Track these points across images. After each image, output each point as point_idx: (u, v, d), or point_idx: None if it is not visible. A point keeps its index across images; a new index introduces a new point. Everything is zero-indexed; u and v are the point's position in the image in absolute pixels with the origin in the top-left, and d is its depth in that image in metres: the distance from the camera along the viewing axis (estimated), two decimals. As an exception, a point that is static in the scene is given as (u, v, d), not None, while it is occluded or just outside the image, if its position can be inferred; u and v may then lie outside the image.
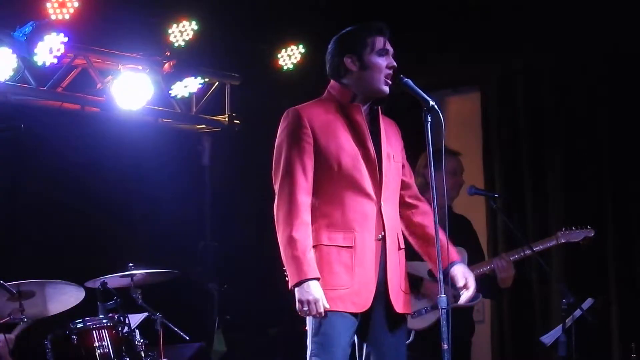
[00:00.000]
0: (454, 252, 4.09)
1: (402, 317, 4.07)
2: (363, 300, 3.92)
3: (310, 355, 3.93)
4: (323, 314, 3.84)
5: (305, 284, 3.82)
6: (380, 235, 3.98)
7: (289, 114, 4.02)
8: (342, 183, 3.95)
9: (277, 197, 3.95)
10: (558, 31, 6.85)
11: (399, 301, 4.02)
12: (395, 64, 4.04)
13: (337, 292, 3.90)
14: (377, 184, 3.99)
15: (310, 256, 3.85)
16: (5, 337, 5.75)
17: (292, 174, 3.92)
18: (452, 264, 4.04)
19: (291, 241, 3.85)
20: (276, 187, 3.98)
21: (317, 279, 3.83)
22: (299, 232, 3.86)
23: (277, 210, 3.94)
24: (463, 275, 4.07)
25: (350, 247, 3.92)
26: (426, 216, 4.15)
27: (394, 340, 4.03)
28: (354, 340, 4.03)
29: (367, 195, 3.97)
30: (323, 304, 3.83)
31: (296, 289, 3.84)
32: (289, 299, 3.92)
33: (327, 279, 3.89)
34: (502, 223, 7.02)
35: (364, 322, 3.98)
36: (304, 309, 3.83)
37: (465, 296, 4.07)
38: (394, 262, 4.01)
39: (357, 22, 4.13)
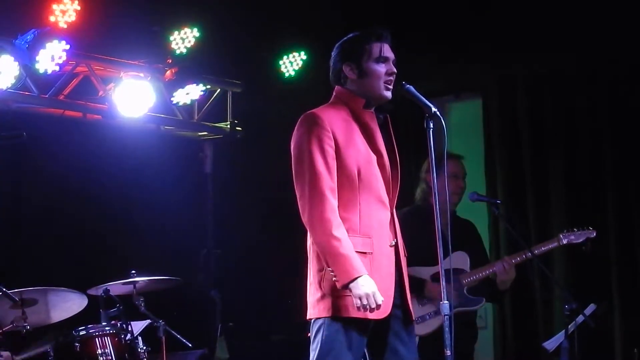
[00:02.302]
0: None
1: (413, 324, 4.08)
2: (382, 307, 3.87)
3: None
4: (381, 306, 3.82)
5: (360, 279, 3.79)
6: (393, 242, 3.99)
7: (308, 117, 3.97)
8: (359, 188, 3.93)
9: (307, 198, 3.87)
10: (559, 36, 6.85)
11: (412, 307, 4.04)
12: (395, 70, 4.03)
13: None
14: (390, 191, 4.00)
15: (355, 253, 3.83)
16: (12, 356, 5.67)
17: (320, 175, 3.87)
18: None
19: (335, 240, 3.82)
20: (300, 189, 3.91)
21: (367, 274, 3.83)
22: (339, 231, 3.84)
23: (311, 210, 3.86)
24: None
25: (369, 253, 3.91)
26: None
27: (409, 347, 4.02)
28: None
29: (382, 202, 3.98)
30: (380, 295, 3.81)
31: (351, 286, 3.80)
32: (292, 305, 3.90)
33: None
34: (504, 228, 7.03)
35: (375, 331, 3.95)
36: (364, 303, 3.79)
37: None
38: (406, 269, 4.03)
39: (359, 28, 4.12)
